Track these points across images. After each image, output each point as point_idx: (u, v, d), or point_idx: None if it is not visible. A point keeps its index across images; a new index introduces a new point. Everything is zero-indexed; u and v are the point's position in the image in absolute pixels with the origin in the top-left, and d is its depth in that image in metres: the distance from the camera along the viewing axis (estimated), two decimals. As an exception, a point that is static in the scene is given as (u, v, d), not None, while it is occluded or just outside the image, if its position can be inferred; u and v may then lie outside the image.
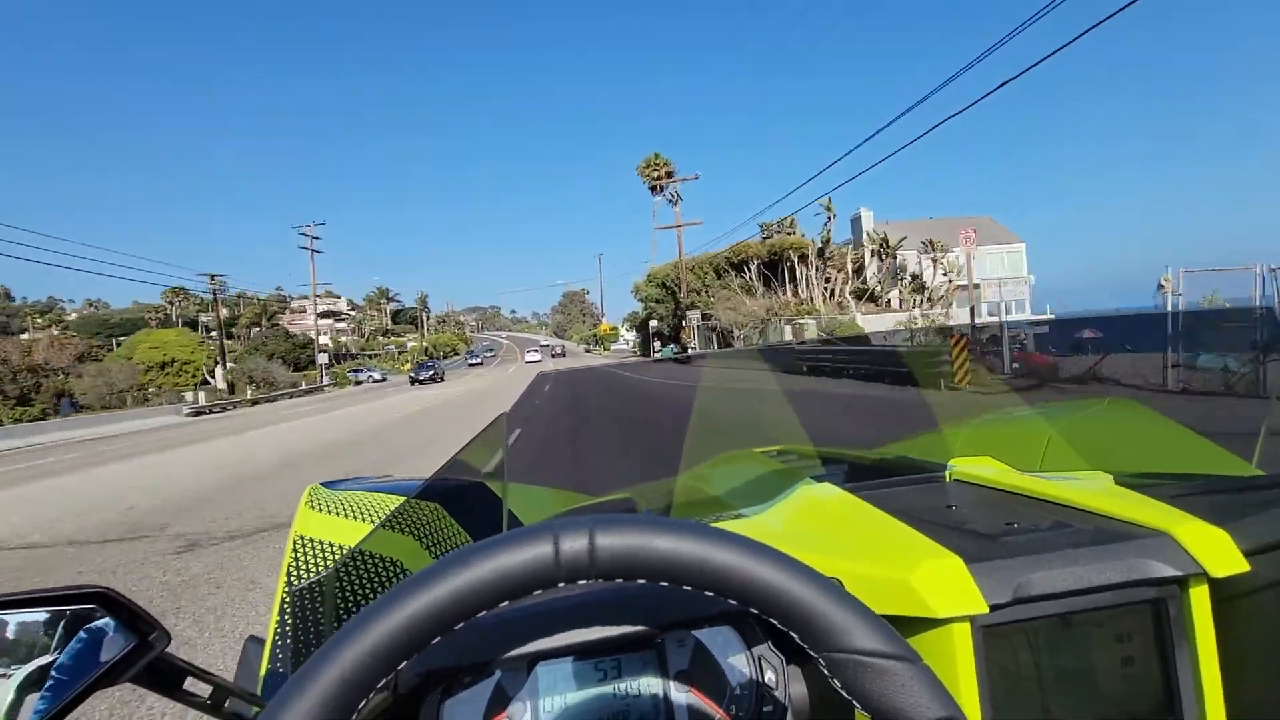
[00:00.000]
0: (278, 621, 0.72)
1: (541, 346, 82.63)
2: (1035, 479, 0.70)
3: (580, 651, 0.54)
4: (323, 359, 43.38)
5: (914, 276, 38.03)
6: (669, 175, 51.64)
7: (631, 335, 78.97)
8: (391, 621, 0.35)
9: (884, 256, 39.55)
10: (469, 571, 0.36)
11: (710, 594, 0.37)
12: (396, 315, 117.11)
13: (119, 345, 59.35)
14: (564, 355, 74.00)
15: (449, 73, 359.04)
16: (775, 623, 0.37)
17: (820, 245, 39.54)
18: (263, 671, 0.69)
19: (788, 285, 39.34)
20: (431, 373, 40.29)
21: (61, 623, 0.51)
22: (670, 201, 41.97)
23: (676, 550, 0.37)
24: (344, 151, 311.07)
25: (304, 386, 41.48)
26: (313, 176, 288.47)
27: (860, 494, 0.71)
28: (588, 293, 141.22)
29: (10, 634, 0.51)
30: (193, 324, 76.29)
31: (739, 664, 0.55)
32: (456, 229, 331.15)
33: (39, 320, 75.28)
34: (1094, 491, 0.65)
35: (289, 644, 0.70)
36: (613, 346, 77.29)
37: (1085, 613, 0.53)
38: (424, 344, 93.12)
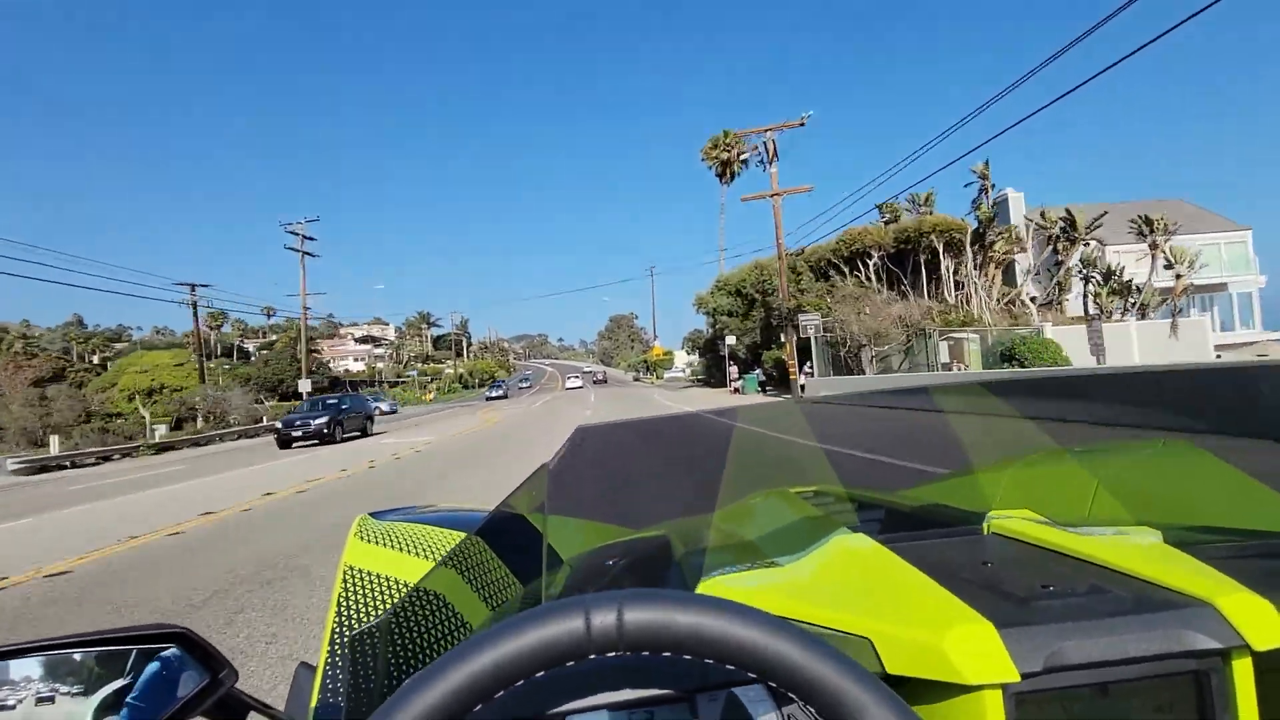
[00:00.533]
0: (329, 651, 0.76)
1: (584, 373, 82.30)
2: (1077, 536, 0.68)
3: (613, 706, 0.55)
4: (306, 386, 34.51)
5: (1110, 272, 26.03)
6: (742, 157, 41.36)
7: (690, 359, 68.79)
8: (439, 691, 0.38)
9: (1061, 245, 27.65)
10: (508, 645, 0.39)
11: (732, 668, 0.40)
12: (438, 341, 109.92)
13: (107, 369, 51.62)
14: (605, 381, 72.72)
15: (489, 97, 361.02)
16: (794, 698, 0.40)
17: (978, 228, 28.17)
18: (314, 702, 0.71)
19: (926, 284, 27.92)
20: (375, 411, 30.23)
21: (132, 657, 0.57)
22: (763, 163, 30.57)
23: (700, 626, 0.39)
24: (391, 177, 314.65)
25: (266, 423, 32.33)
26: (360, 207, 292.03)
27: (894, 546, 0.70)
28: (636, 317, 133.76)
29: (92, 666, 0.58)
30: (231, 351, 69.93)
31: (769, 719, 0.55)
32: (504, 257, 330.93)
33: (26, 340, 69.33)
34: (1137, 551, 0.64)
35: (340, 675, 0.73)
36: (666, 374, 66.63)
37: (1122, 683, 0.51)
38: (457, 370, 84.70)
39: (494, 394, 57.66)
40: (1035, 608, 0.54)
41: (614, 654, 0.40)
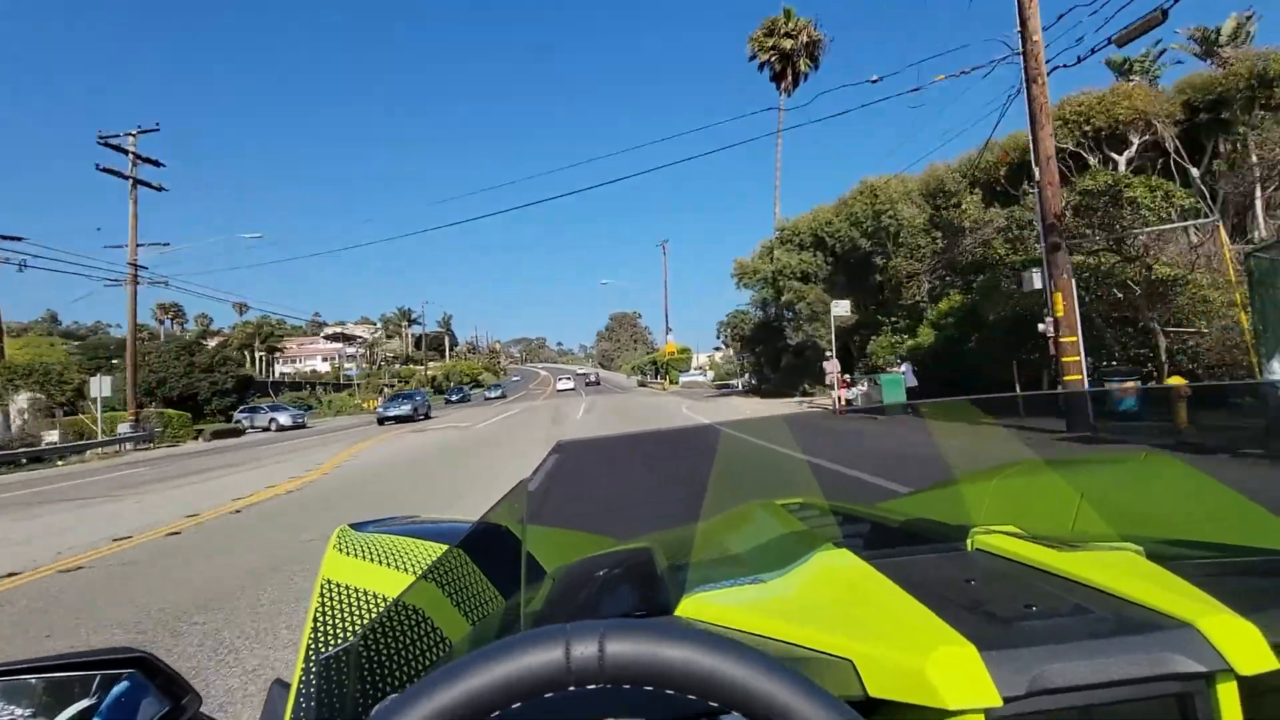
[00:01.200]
0: (303, 671, 0.73)
1: (577, 375, 79.57)
2: (1059, 553, 0.69)
3: None
4: (101, 389, 20.94)
5: None
6: (812, 41, 27.60)
7: (714, 357, 55.25)
8: (417, 716, 0.37)
9: None
10: (483, 675, 0.38)
11: (714, 705, 0.39)
12: (420, 342, 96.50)
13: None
14: (598, 384, 68.05)
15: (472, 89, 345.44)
16: None
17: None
18: (288, 713, 0.69)
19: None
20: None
21: (95, 683, 0.56)
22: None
23: (686, 661, 0.38)
24: (392, 174, 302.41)
25: (96, 439, 21.74)
26: (362, 205, 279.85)
27: (878, 563, 0.70)
28: (639, 316, 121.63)
29: (48, 694, 0.56)
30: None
31: None
32: (501, 253, 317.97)
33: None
34: (1120, 570, 0.64)
35: (314, 693, 0.70)
36: (683, 378, 52.22)
37: (1105, 706, 0.51)
38: (429, 373, 71.33)
39: (454, 398, 53.33)
40: (1018, 629, 0.55)
41: (594, 687, 0.38)
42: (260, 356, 73.58)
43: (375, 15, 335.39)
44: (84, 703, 0.55)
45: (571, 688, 0.38)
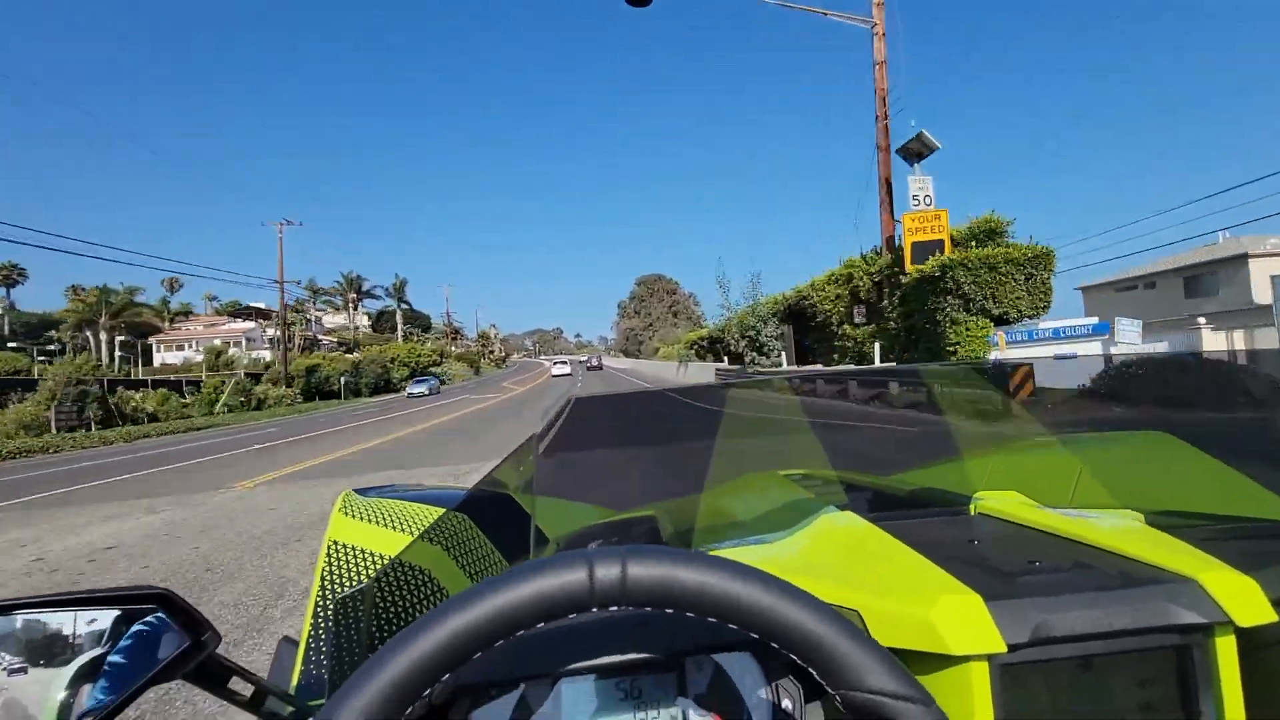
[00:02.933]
0: (311, 625, 0.77)
1: (579, 362, 75.52)
2: (1062, 516, 0.69)
3: (602, 670, 0.55)
4: None
5: None
6: None
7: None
8: (439, 635, 0.38)
9: None
10: (510, 593, 0.38)
11: (733, 626, 0.39)
12: (382, 319, 78.26)
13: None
14: (600, 368, 63.91)
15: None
16: (795, 658, 0.39)
17: None
18: (297, 672, 0.72)
19: None
20: None
21: (113, 619, 0.56)
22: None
23: (703, 583, 0.39)
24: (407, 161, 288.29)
25: None
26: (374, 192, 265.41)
27: (881, 525, 0.70)
28: (677, 284, 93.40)
29: (70, 629, 0.56)
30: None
31: (758, 691, 0.55)
32: (517, 249, 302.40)
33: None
34: (1122, 532, 0.65)
35: (324, 648, 0.74)
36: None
37: (1106, 656, 0.52)
38: (354, 361, 49.37)
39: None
40: (1022, 582, 0.55)
41: (615, 608, 0.39)
42: (120, 340, 48.30)
43: None
44: (99, 650, 0.55)
45: (594, 609, 0.39)
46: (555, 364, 62.84)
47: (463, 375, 60.71)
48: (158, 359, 58.45)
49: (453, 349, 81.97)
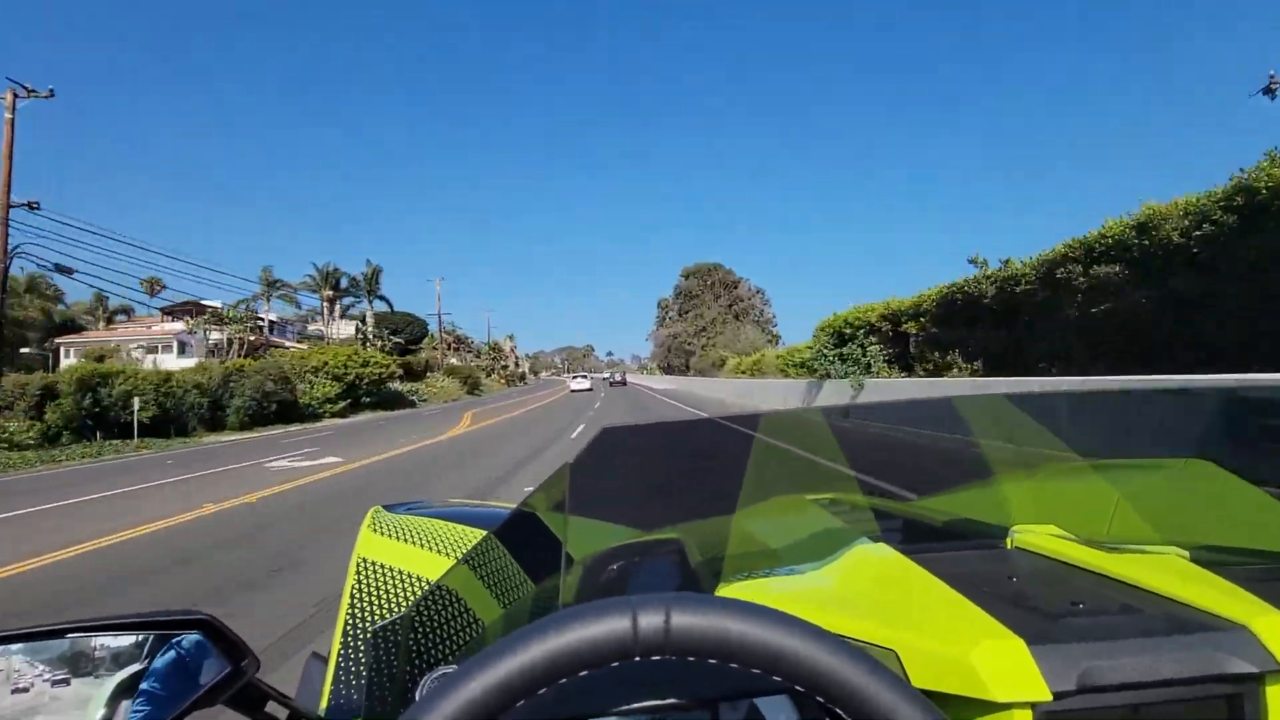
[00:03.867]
0: (341, 645, 0.76)
1: (602, 378, 72.76)
2: (1103, 553, 0.67)
3: (635, 713, 0.54)
4: None
5: None
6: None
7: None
8: (485, 681, 0.37)
9: None
10: (554, 641, 0.38)
11: (778, 679, 0.39)
12: (384, 324, 63.35)
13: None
14: (623, 384, 62.02)
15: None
16: (840, 712, 0.38)
17: None
18: (326, 690, 0.71)
19: None
20: None
21: (150, 641, 0.58)
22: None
23: (748, 634, 0.38)
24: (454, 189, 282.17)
25: None
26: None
27: (916, 558, 0.69)
28: (739, 277, 72.52)
29: (112, 651, 0.57)
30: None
31: None
32: (547, 265, 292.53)
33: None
34: (1167, 571, 0.63)
35: (353, 668, 0.73)
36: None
37: (1154, 705, 0.50)
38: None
39: None
40: (1066, 625, 0.54)
41: (657, 658, 0.38)
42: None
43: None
44: (138, 666, 0.56)
45: (637, 658, 0.38)
46: (575, 379, 56.98)
47: (448, 394, 45.32)
48: (65, 363, 44.66)
49: (451, 360, 66.80)
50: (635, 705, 0.52)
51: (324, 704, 0.70)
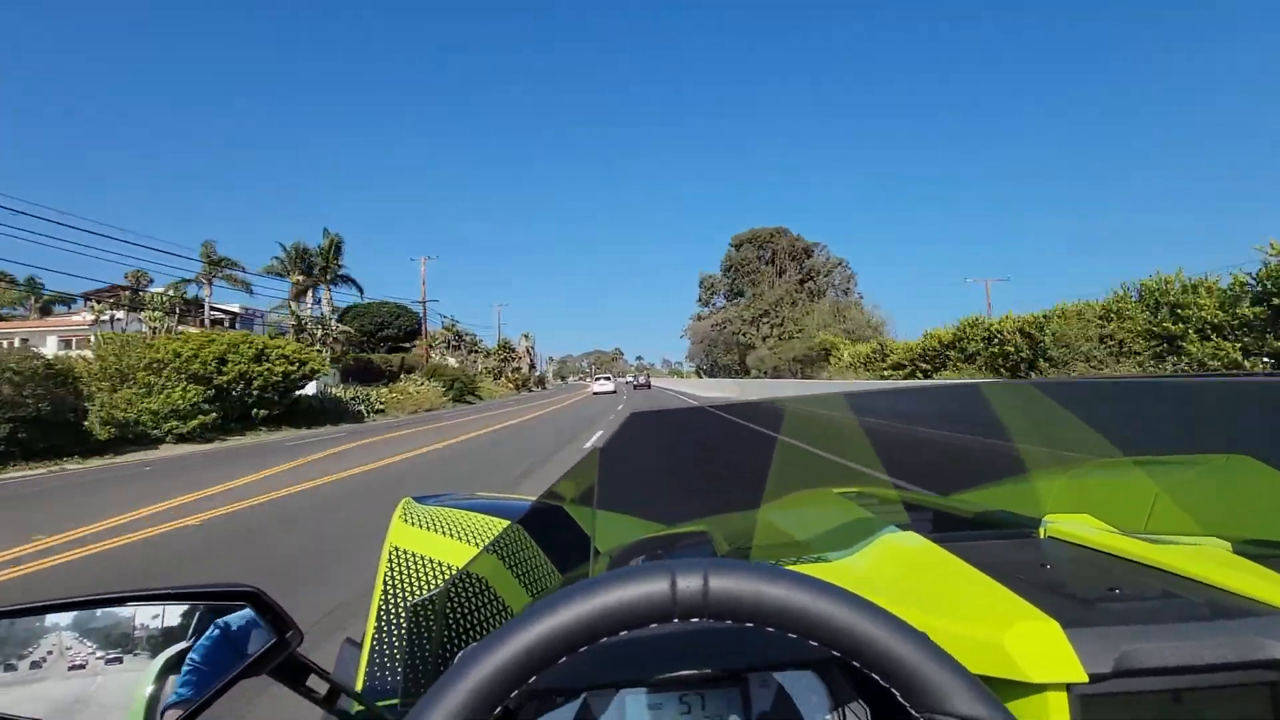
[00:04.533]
0: (375, 629, 0.78)
1: (625, 381, 69.16)
2: (1140, 542, 0.66)
3: (665, 683, 0.55)
4: None
5: None
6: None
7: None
8: (527, 639, 0.38)
9: None
10: (597, 600, 0.38)
11: (815, 644, 0.39)
12: (363, 315, 53.03)
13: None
14: (648, 386, 59.86)
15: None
16: (877, 678, 0.38)
17: None
18: (361, 673, 0.74)
19: None
20: None
21: (197, 614, 0.59)
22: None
23: (787, 599, 0.38)
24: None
25: None
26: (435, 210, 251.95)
27: (946, 545, 0.68)
28: (808, 243, 56.57)
29: (160, 623, 0.58)
30: None
31: (821, 712, 0.55)
32: (573, 268, 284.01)
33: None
34: (1207, 560, 0.61)
35: (389, 651, 0.75)
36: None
37: (1194, 690, 0.49)
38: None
39: None
40: (1102, 609, 0.53)
41: (696, 620, 0.39)
42: None
43: None
44: (186, 643, 0.58)
45: (675, 620, 0.38)
46: (597, 380, 54.96)
47: (423, 402, 34.68)
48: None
49: (449, 361, 56.19)
50: (667, 675, 0.52)
51: (360, 685, 0.72)
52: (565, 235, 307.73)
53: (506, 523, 1.02)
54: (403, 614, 0.79)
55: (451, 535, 0.99)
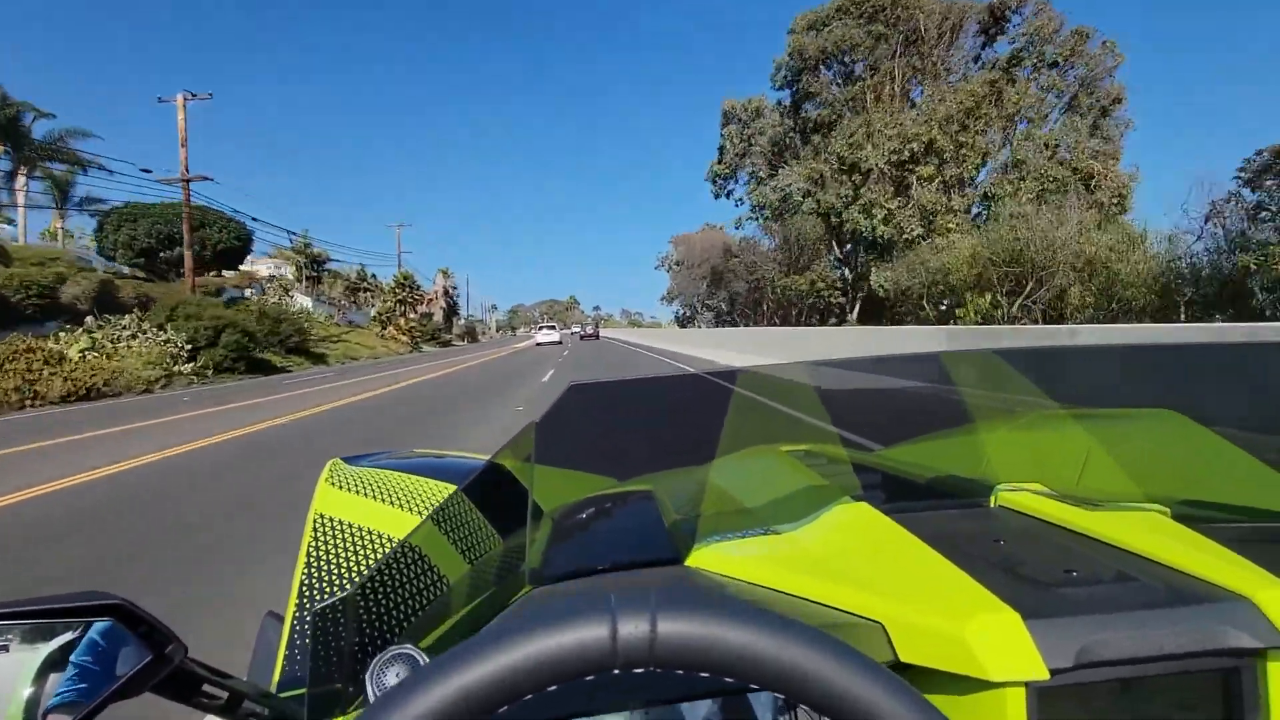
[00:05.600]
0: (296, 608, 0.75)
1: (572, 332, 62.96)
2: (1089, 513, 0.67)
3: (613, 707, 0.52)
4: None
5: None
6: None
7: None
8: (429, 702, 0.33)
9: None
10: (519, 653, 0.33)
11: (778, 696, 0.35)
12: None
13: None
14: (596, 336, 54.40)
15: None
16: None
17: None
18: (281, 650, 0.70)
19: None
20: None
21: (70, 631, 0.51)
22: None
23: (749, 647, 0.34)
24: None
25: None
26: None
27: (899, 517, 0.67)
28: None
29: (21, 642, 0.50)
30: None
31: (773, 711, 0.53)
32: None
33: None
34: (1154, 532, 0.62)
35: (308, 630, 0.71)
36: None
37: (1146, 679, 0.49)
38: None
39: None
40: (1061, 596, 0.52)
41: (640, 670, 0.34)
42: None
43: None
44: (56, 653, 0.50)
45: (617, 670, 0.34)
46: (541, 330, 47.54)
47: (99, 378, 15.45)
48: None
49: (297, 299, 36.03)
50: (617, 714, 0.48)
51: (278, 673, 0.67)
52: (520, 185, 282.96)
53: (442, 484, 0.97)
54: (314, 610, 0.71)
55: (383, 499, 0.94)
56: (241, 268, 38.56)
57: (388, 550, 0.79)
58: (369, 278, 54.32)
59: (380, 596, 0.66)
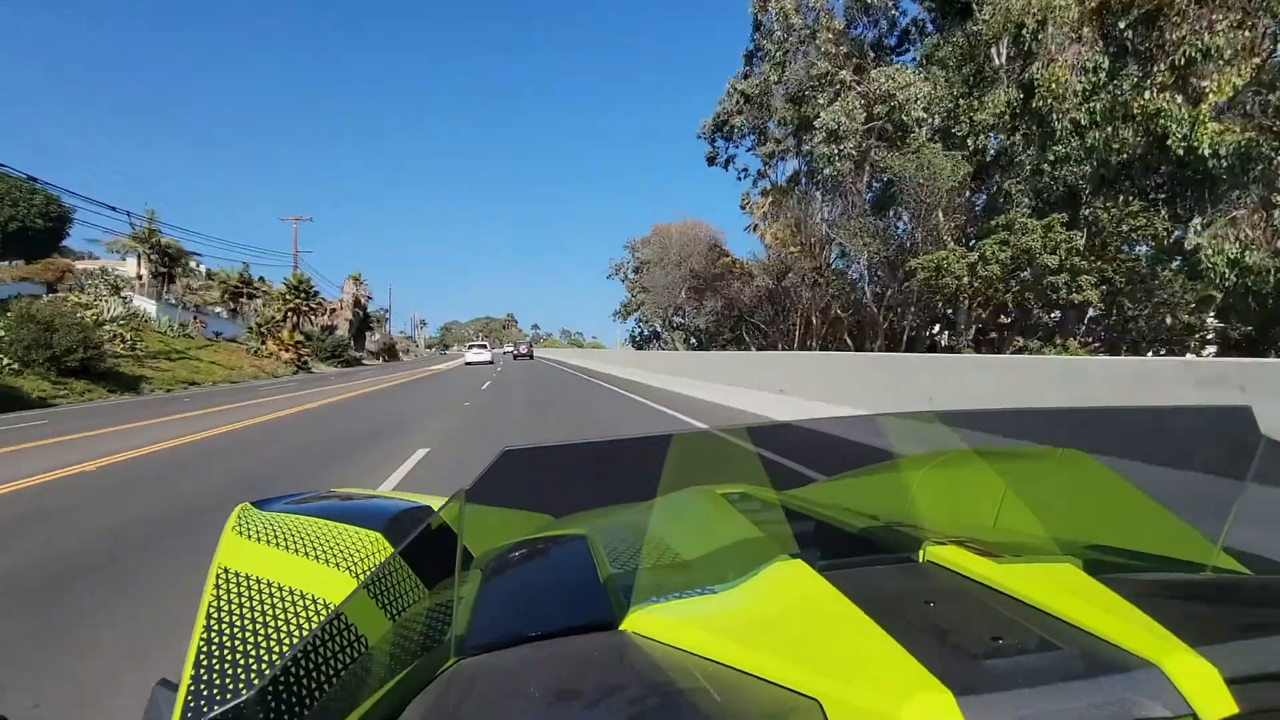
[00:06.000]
0: (193, 669, 0.68)
1: (506, 352, 62.37)
2: (1008, 567, 0.69)
3: None
4: None
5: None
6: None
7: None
8: None
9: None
10: None
11: None
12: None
13: None
14: (529, 356, 54.81)
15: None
16: None
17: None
18: None
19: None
20: None
21: None
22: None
23: None
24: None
25: None
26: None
27: (832, 575, 0.68)
28: None
29: None
30: None
31: None
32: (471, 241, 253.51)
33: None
34: (1066, 591, 0.64)
35: (207, 694, 0.65)
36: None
37: None
38: None
39: None
40: (990, 668, 0.53)
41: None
42: None
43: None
44: None
45: None
46: (472, 348, 45.40)
47: None
48: None
49: (133, 300, 27.22)
50: None
51: None
52: (451, 198, 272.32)
53: (364, 531, 0.92)
54: (229, 655, 0.67)
55: (297, 550, 0.87)
56: (70, 258, 29.49)
57: (299, 608, 0.74)
58: (254, 281, 45.09)
59: (290, 679, 0.59)
